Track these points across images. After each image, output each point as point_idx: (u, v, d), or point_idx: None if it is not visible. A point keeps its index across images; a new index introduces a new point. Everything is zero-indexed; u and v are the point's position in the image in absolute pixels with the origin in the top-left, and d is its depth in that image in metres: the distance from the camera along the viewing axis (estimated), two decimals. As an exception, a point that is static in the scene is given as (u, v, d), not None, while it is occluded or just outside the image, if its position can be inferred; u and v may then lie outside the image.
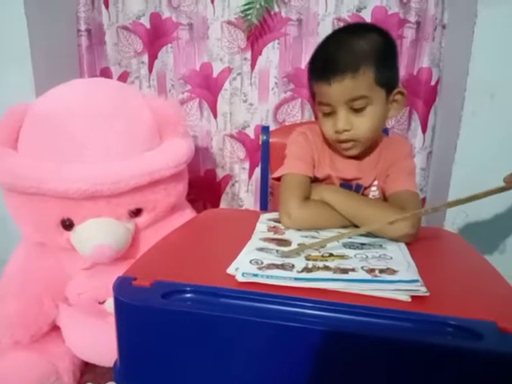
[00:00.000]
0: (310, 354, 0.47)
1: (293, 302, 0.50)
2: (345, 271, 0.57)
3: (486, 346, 0.44)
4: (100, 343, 0.95)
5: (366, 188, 0.92)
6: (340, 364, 0.47)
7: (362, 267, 0.58)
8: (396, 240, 0.73)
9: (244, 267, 0.58)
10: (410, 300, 0.52)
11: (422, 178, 1.32)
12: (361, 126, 0.81)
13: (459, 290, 0.57)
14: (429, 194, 1.35)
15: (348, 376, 0.47)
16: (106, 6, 1.33)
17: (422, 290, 0.53)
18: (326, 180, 0.93)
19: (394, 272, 0.57)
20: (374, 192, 0.91)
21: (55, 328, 1.02)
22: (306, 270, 0.58)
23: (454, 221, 1.18)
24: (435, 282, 0.57)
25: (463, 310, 0.50)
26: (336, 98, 0.80)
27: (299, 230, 0.78)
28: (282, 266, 0.59)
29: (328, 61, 0.81)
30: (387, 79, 0.81)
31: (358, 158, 0.90)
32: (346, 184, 0.92)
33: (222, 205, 1.47)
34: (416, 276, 0.56)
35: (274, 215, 0.86)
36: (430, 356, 0.44)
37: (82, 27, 1.30)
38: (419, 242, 0.73)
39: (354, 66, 0.77)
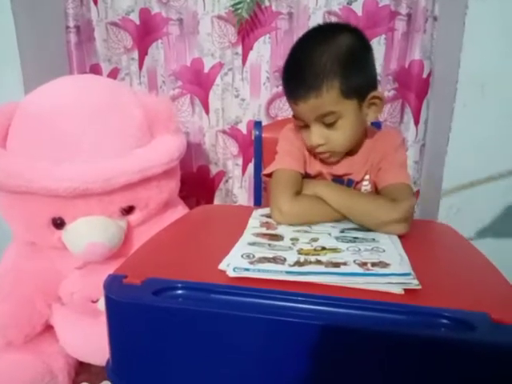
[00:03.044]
0: (303, 348, 0.46)
1: (285, 297, 0.50)
2: (337, 265, 0.57)
3: (478, 337, 0.44)
4: (94, 342, 0.94)
5: (357, 183, 0.91)
6: (334, 358, 0.47)
7: (354, 261, 0.58)
8: (389, 233, 0.73)
9: (235, 262, 0.58)
10: (403, 292, 0.51)
11: (416, 170, 1.32)
12: (335, 139, 0.81)
13: (452, 282, 0.57)
14: (422, 186, 1.35)
15: (342, 369, 0.47)
16: (95, 2, 1.32)
17: (413, 283, 0.53)
18: (317, 176, 0.92)
19: (386, 265, 0.57)
20: (365, 186, 0.91)
21: (49, 328, 1.02)
22: (298, 263, 0.57)
23: (446, 214, 1.19)
24: (428, 274, 0.56)
25: (456, 301, 0.50)
26: (305, 116, 0.80)
27: (291, 225, 0.77)
28: (274, 260, 0.58)
29: (291, 80, 0.79)
30: (356, 88, 0.78)
31: (348, 154, 0.88)
32: (338, 180, 0.91)
33: (216, 201, 1.47)
34: (408, 269, 0.56)
35: (267, 211, 0.85)
36: (423, 348, 0.44)
37: (71, 24, 1.28)
38: (412, 234, 0.73)
39: (316, 85, 0.75)
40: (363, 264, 0.57)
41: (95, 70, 1.37)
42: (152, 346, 0.51)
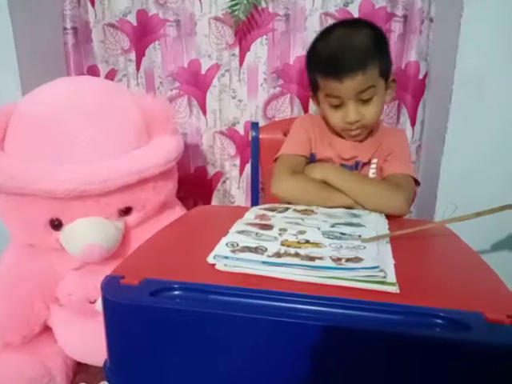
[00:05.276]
0: (299, 348, 0.47)
1: (281, 297, 0.50)
2: (312, 259, 0.58)
3: (473, 336, 0.44)
4: (92, 343, 0.94)
5: (364, 164, 0.98)
6: (329, 358, 0.47)
7: (330, 256, 0.59)
8: (391, 213, 0.83)
9: (218, 250, 0.60)
10: (398, 292, 0.52)
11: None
12: (369, 114, 0.90)
13: (447, 282, 0.57)
14: (419, 186, 1.35)
15: (337, 369, 0.47)
16: (92, 4, 1.32)
17: (379, 275, 0.53)
18: (326, 160, 0.99)
19: (359, 260, 0.58)
20: (373, 169, 0.98)
21: (47, 329, 1.02)
22: (277, 255, 0.59)
23: (443, 213, 1.19)
24: (423, 273, 0.57)
25: (451, 301, 0.50)
26: (347, 93, 0.87)
27: (287, 199, 0.88)
28: (255, 250, 0.60)
29: (337, 59, 0.86)
30: (387, 69, 0.90)
31: (358, 140, 0.97)
32: (346, 165, 0.98)
33: (214, 202, 1.47)
34: (377, 263, 0.56)
35: (265, 206, 0.87)
36: (418, 348, 0.44)
37: (68, 25, 1.28)
38: (407, 233, 0.73)
39: (363, 63, 0.84)
40: (338, 259, 0.58)
41: (93, 71, 1.37)
42: (149, 346, 0.51)
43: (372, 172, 0.98)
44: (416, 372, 0.45)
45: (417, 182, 0.96)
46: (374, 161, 0.98)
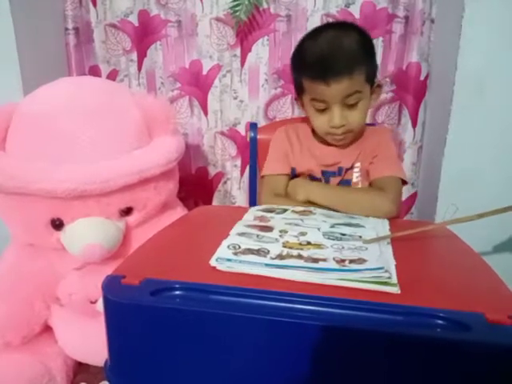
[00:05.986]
0: (300, 348, 0.47)
1: (282, 297, 0.50)
2: (316, 261, 0.58)
3: (474, 337, 0.44)
4: (92, 343, 0.94)
5: (347, 170, 0.97)
6: (330, 358, 0.47)
7: (333, 258, 0.59)
8: (378, 216, 0.82)
9: (220, 252, 0.60)
10: (399, 292, 0.52)
11: (413, 172, 1.32)
12: (354, 119, 0.89)
13: (448, 282, 0.57)
14: (420, 188, 1.35)
15: (337, 370, 0.47)
16: (94, 4, 1.32)
17: (384, 276, 0.53)
18: (308, 171, 0.99)
19: (363, 261, 0.58)
20: (356, 173, 0.98)
21: (47, 329, 1.02)
22: (280, 257, 0.59)
23: (444, 214, 1.19)
24: (423, 274, 0.57)
25: (451, 301, 0.50)
26: (333, 97, 0.86)
27: None
28: (258, 252, 0.60)
29: (325, 62, 0.84)
30: (373, 75, 0.90)
31: (340, 146, 0.96)
32: (328, 171, 0.98)
33: (215, 202, 1.47)
34: (381, 264, 0.56)
35: (263, 207, 0.87)
36: (418, 348, 0.44)
37: (70, 25, 1.29)
38: (408, 234, 0.73)
39: (351, 67, 0.83)
40: (341, 261, 0.58)
41: (94, 71, 1.37)
42: (150, 346, 0.51)
43: (356, 176, 0.98)
44: (417, 372, 0.45)
45: (404, 182, 0.96)
46: (357, 165, 0.97)
